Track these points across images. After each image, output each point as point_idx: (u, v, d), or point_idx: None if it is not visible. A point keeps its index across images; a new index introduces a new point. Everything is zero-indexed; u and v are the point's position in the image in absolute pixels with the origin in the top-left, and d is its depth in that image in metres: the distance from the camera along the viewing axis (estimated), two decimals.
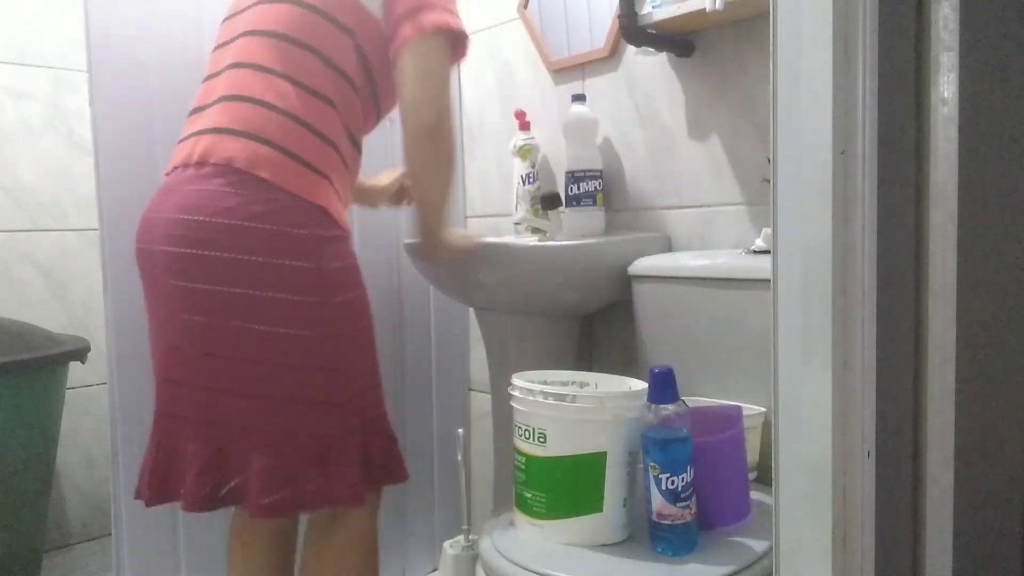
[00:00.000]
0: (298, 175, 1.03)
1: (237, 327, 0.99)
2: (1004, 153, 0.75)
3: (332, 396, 1.04)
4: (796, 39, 0.68)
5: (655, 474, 0.92)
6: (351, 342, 1.06)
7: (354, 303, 1.07)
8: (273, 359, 1.00)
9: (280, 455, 1.01)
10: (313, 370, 1.02)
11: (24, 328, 1.81)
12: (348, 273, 1.07)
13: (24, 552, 1.78)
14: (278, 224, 0.99)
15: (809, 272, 0.68)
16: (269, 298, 0.99)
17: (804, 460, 0.70)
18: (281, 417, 1.02)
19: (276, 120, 1.03)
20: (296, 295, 1.00)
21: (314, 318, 1.01)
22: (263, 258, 0.99)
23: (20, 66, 2.07)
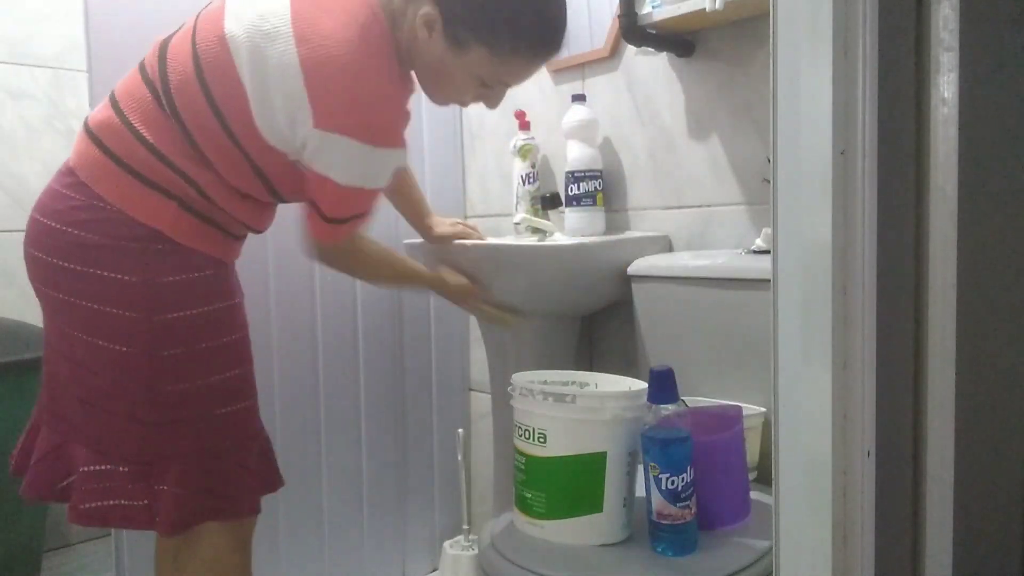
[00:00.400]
0: (136, 195, 0.96)
1: (65, 331, 0.97)
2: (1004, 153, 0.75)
3: (152, 415, 0.96)
4: (796, 39, 0.68)
5: (655, 474, 0.92)
6: (185, 361, 0.97)
7: (196, 320, 0.97)
8: (95, 368, 0.96)
9: (101, 464, 0.97)
10: (132, 387, 0.96)
11: (24, 328, 1.81)
12: (190, 287, 0.97)
13: (24, 552, 1.78)
14: (100, 234, 0.94)
15: (809, 272, 0.68)
16: (90, 308, 0.95)
17: (804, 460, 0.70)
18: (103, 427, 0.97)
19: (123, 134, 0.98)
20: (116, 308, 0.94)
21: (134, 334, 0.94)
22: (84, 267, 0.94)
23: (20, 66, 2.07)
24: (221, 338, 1.00)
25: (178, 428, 0.97)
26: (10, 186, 2.07)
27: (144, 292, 0.94)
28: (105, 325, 0.94)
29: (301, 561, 1.57)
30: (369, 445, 1.67)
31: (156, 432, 0.97)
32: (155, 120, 0.98)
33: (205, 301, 0.99)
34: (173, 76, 0.97)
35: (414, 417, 1.77)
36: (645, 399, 0.95)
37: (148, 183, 0.96)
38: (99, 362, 0.96)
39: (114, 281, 0.94)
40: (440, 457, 1.82)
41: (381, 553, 1.71)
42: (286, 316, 1.53)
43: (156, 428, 0.97)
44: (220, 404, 1.00)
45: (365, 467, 1.67)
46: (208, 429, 0.99)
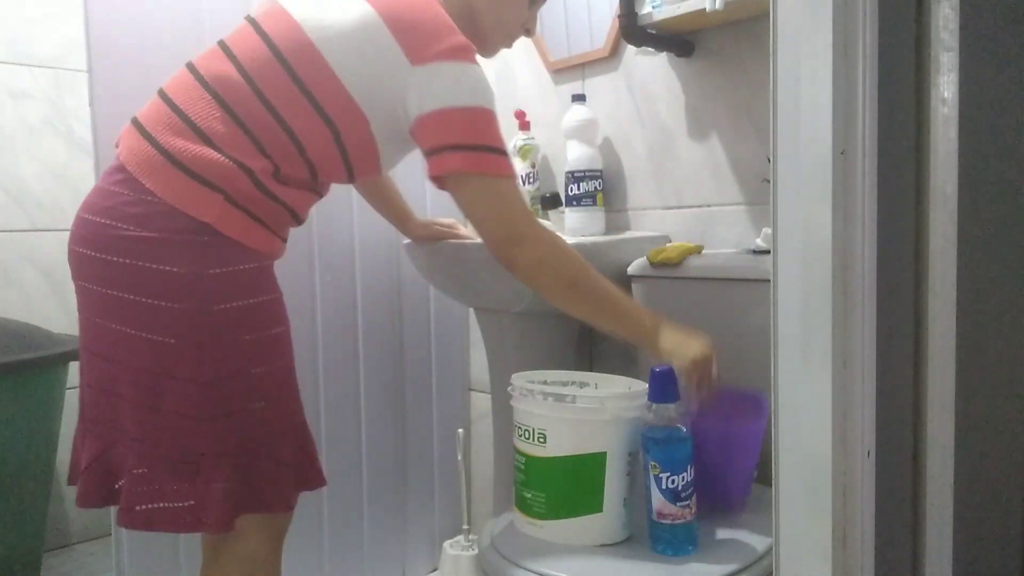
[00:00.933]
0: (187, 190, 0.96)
1: (112, 328, 0.97)
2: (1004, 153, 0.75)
3: (200, 410, 0.96)
4: (796, 39, 0.68)
5: (655, 473, 0.92)
6: (230, 353, 0.97)
7: (241, 312, 0.98)
8: (143, 365, 0.96)
9: (147, 466, 0.97)
10: (180, 381, 0.95)
11: (24, 328, 1.81)
12: (235, 279, 0.98)
13: (24, 552, 1.78)
14: (151, 228, 0.95)
15: (809, 272, 0.68)
16: (139, 302, 0.95)
17: (804, 460, 0.70)
18: (151, 425, 0.97)
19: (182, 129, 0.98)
20: (165, 301, 0.94)
21: (181, 326, 0.95)
22: (134, 261, 0.95)
23: (20, 66, 2.07)
24: (266, 330, 1.01)
25: (225, 422, 0.97)
26: (10, 186, 2.07)
27: (191, 284, 0.95)
28: (154, 319, 0.95)
29: (301, 561, 1.57)
30: (369, 445, 1.67)
31: (204, 427, 0.96)
32: (207, 111, 0.99)
33: (250, 293, 0.99)
34: (249, 64, 1.00)
35: (414, 417, 1.77)
36: (645, 399, 0.95)
37: (195, 176, 0.97)
38: (147, 358, 0.96)
39: (163, 273, 0.94)
40: (440, 457, 1.82)
41: (381, 553, 1.71)
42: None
43: (204, 423, 0.96)
44: (262, 397, 1.00)
45: (365, 467, 1.67)
46: (251, 422, 0.99)
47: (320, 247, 1.57)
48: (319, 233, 1.56)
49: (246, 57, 1.00)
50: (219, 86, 1.00)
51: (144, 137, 1.00)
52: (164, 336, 0.95)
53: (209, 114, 0.99)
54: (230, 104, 0.99)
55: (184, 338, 0.95)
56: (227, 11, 1.38)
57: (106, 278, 0.97)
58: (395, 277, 1.71)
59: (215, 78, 1.00)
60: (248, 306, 0.99)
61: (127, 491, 0.97)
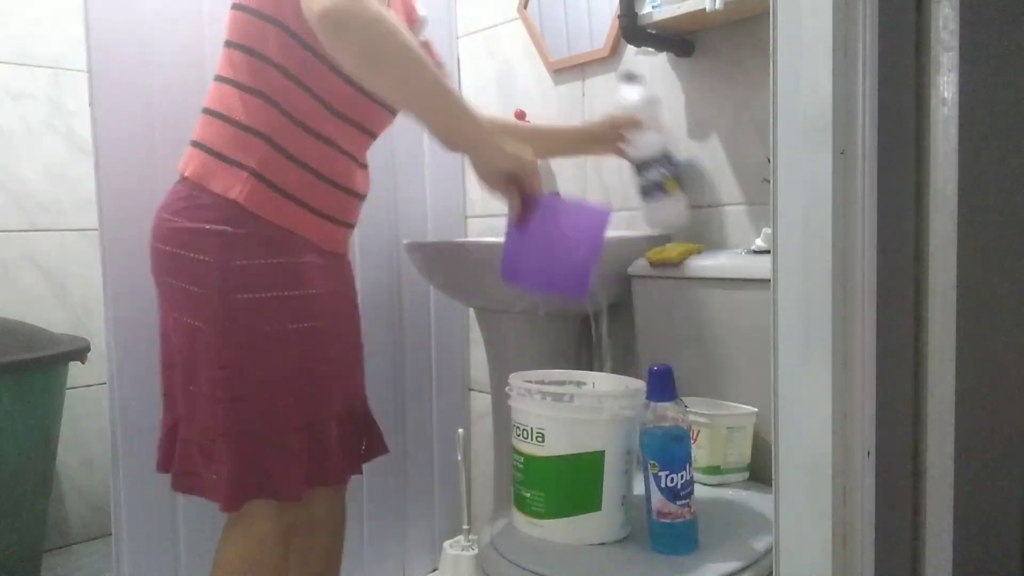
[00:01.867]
0: (207, 167, 1.04)
1: (166, 312, 1.08)
2: (1004, 153, 0.75)
3: (215, 392, 1.02)
4: (796, 39, 0.68)
5: (654, 472, 0.92)
6: (249, 342, 1.02)
7: (266, 305, 1.02)
8: (183, 347, 1.05)
9: (189, 438, 1.07)
10: (205, 363, 1.03)
11: (24, 328, 1.81)
12: (262, 273, 1.02)
13: (24, 552, 1.78)
14: (190, 220, 1.02)
15: (809, 272, 0.69)
16: (177, 287, 1.04)
17: (804, 460, 0.70)
18: (188, 403, 1.06)
19: (204, 121, 1.07)
20: (197, 287, 1.02)
21: (207, 312, 1.01)
22: (176, 249, 1.03)
23: (20, 66, 2.07)
24: (290, 324, 1.04)
25: (235, 407, 1.02)
26: (10, 186, 2.07)
27: (218, 272, 1.01)
28: (188, 303, 1.03)
29: None
30: None
31: (217, 409, 1.02)
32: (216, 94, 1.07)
33: (278, 287, 1.03)
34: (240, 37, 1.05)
35: (414, 417, 1.77)
36: (643, 398, 0.95)
37: (224, 158, 1.03)
38: (185, 340, 1.04)
39: (196, 261, 1.01)
40: (440, 457, 1.82)
41: (381, 553, 1.71)
42: None
43: (218, 405, 1.02)
44: (275, 388, 1.04)
45: (365, 467, 1.67)
46: (261, 410, 1.04)
47: None
48: None
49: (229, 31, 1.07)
50: (221, 68, 1.07)
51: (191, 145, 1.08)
52: (195, 320, 1.02)
53: (220, 94, 1.06)
54: (231, 75, 1.05)
55: (209, 323, 1.01)
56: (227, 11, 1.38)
57: (160, 266, 1.06)
58: (395, 277, 1.71)
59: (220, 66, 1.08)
60: (272, 299, 1.03)
61: (177, 459, 1.08)
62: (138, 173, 1.31)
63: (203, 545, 1.41)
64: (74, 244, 2.17)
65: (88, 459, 2.19)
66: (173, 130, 1.32)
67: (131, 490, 1.31)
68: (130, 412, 1.31)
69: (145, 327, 1.30)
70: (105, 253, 1.28)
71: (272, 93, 1.03)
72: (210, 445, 1.04)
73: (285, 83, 1.03)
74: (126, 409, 1.30)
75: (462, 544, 1.69)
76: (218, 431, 1.02)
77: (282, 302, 1.03)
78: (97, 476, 2.20)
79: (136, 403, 1.31)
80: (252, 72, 1.03)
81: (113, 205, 1.28)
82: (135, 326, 1.30)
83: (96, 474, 2.20)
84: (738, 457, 1.15)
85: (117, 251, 1.29)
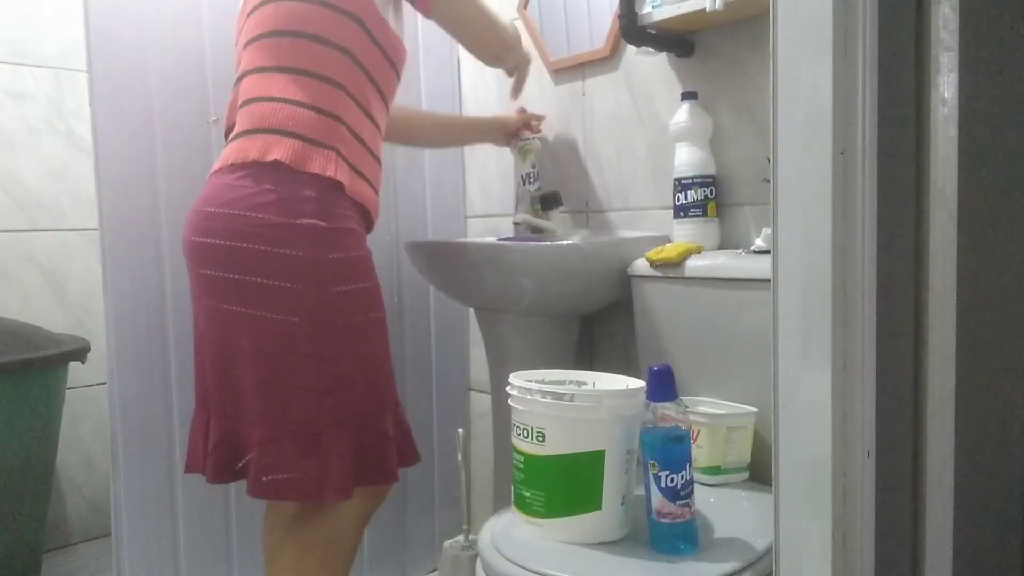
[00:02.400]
0: (302, 151, 1.06)
1: (236, 311, 1.06)
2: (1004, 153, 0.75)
3: (320, 383, 1.05)
4: (796, 39, 0.68)
5: (654, 472, 0.92)
6: (344, 332, 1.07)
7: (353, 295, 1.08)
8: (262, 344, 1.05)
9: (272, 438, 1.05)
10: (303, 356, 1.05)
11: (24, 328, 1.81)
12: (350, 265, 1.08)
13: (24, 552, 1.78)
14: (276, 214, 1.04)
15: (809, 272, 0.68)
16: (265, 284, 1.04)
17: (804, 460, 0.70)
18: (275, 400, 1.05)
19: (280, 109, 1.09)
20: (288, 282, 1.03)
21: (304, 306, 1.04)
22: (258, 246, 1.03)
23: (20, 66, 2.07)
24: (371, 313, 1.11)
25: (341, 395, 1.06)
26: (10, 186, 2.07)
27: (313, 267, 1.04)
28: (280, 299, 1.04)
29: None
30: None
31: (324, 400, 1.05)
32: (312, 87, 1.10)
33: (361, 278, 1.10)
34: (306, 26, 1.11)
35: (414, 417, 1.77)
36: (643, 397, 0.95)
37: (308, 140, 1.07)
38: (272, 336, 1.05)
39: (288, 257, 1.04)
40: (440, 457, 1.82)
41: (381, 553, 1.71)
42: None
43: (324, 396, 1.05)
44: (368, 374, 1.10)
45: None
46: (361, 397, 1.09)
47: None
48: None
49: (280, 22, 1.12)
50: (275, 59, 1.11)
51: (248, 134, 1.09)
52: (289, 315, 1.04)
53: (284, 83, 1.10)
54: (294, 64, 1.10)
55: (306, 317, 1.04)
56: (227, 11, 1.38)
57: (234, 264, 1.05)
58: (395, 277, 1.71)
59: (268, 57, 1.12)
60: (359, 290, 1.09)
61: (255, 464, 1.06)
62: (138, 173, 1.31)
63: (203, 545, 1.42)
64: (74, 244, 2.17)
65: (88, 459, 2.19)
66: (173, 130, 1.32)
67: (131, 490, 1.31)
68: (130, 412, 1.31)
69: (145, 327, 1.30)
70: (105, 253, 1.28)
71: (342, 79, 1.10)
72: (314, 438, 1.05)
73: (355, 71, 1.12)
74: (126, 409, 1.31)
75: (462, 544, 1.69)
76: (325, 422, 1.05)
77: (364, 293, 1.10)
78: (97, 476, 2.20)
79: (136, 403, 1.31)
80: (324, 61, 1.10)
81: (113, 205, 1.28)
82: (135, 326, 1.30)
83: (96, 474, 2.20)
84: (738, 457, 1.15)
85: (117, 251, 1.29)
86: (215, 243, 1.05)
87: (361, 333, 1.09)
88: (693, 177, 1.32)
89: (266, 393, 1.06)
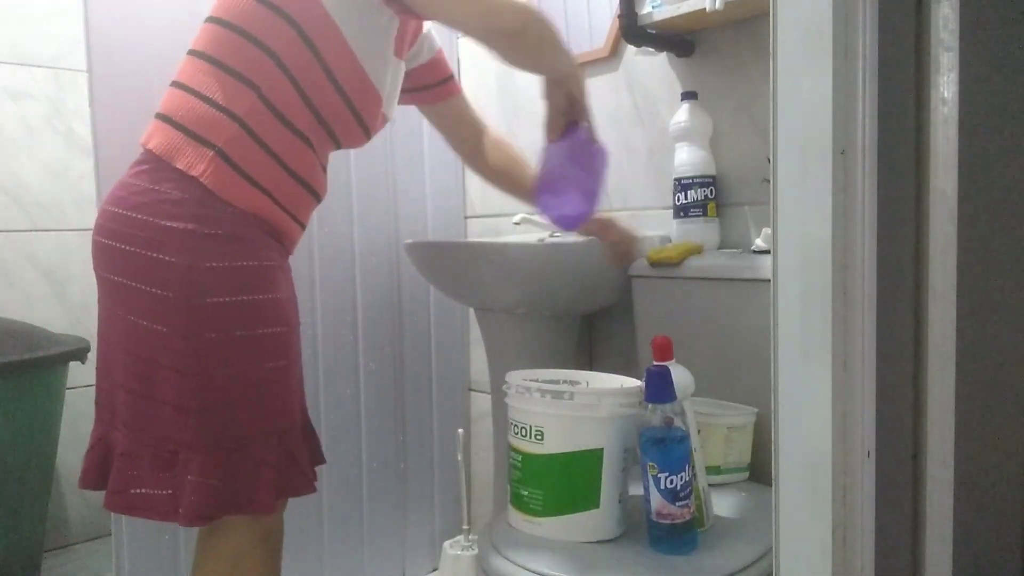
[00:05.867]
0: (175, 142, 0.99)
1: (117, 314, 1.00)
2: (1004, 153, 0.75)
3: (182, 400, 0.96)
4: (796, 39, 0.68)
5: (653, 473, 0.92)
6: (217, 348, 0.97)
7: (233, 308, 0.98)
8: (132, 350, 0.98)
9: (132, 450, 0.99)
10: (167, 369, 0.97)
11: (24, 328, 1.81)
12: (233, 276, 0.98)
13: (24, 552, 1.78)
14: (147, 214, 0.97)
15: (809, 272, 0.68)
16: (137, 288, 0.97)
17: (804, 460, 0.70)
18: (137, 410, 0.99)
19: (176, 95, 1.02)
20: (159, 288, 0.96)
21: (172, 316, 0.96)
22: (131, 247, 0.97)
23: (20, 66, 2.07)
24: (261, 329, 1.00)
25: (205, 416, 0.97)
26: (10, 186, 2.07)
27: (186, 275, 0.96)
28: (149, 306, 0.97)
29: (301, 561, 1.57)
30: (369, 445, 1.67)
31: (184, 418, 0.97)
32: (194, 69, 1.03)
33: (248, 290, 0.99)
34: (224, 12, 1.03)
35: (414, 417, 1.77)
36: (640, 395, 0.95)
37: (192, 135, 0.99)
38: (141, 344, 0.98)
39: (161, 263, 0.96)
40: (440, 457, 1.82)
41: (381, 553, 1.71)
42: None
43: (184, 414, 0.97)
44: (247, 396, 1.00)
45: (365, 467, 1.67)
46: (233, 419, 0.99)
47: (320, 247, 1.57)
48: (319, 233, 1.56)
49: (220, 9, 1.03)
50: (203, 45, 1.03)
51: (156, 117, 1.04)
52: (157, 324, 0.96)
53: (197, 70, 1.02)
54: (213, 53, 1.02)
55: (174, 327, 0.96)
56: None
57: (115, 265, 0.99)
58: (395, 277, 1.71)
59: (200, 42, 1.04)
60: (243, 303, 0.99)
61: (114, 474, 1.00)
62: None
63: None
64: (74, 244, 2.17)
65: None
66: None
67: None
68: None
69: None
70: None
71: (257, 79, 1.01)
72: (170, 456, 0.98)
73: (278, 75, 1.01)
74: None
75: (462, 544, 1.69)
76: (184, 442, 0.97)
77: (252, 306, 0.99)
78: None
79: None
80: (242, 56, 1.01)
81: None
82: None
83: None
84: (738, 457, 1.15)
85: None
86: (100, 241, 1.01)
87: (243, 350, 0.99)
88: (693, 177, 1.32)
89: (133, 403, 0.99)
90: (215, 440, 0.98)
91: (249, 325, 0.99)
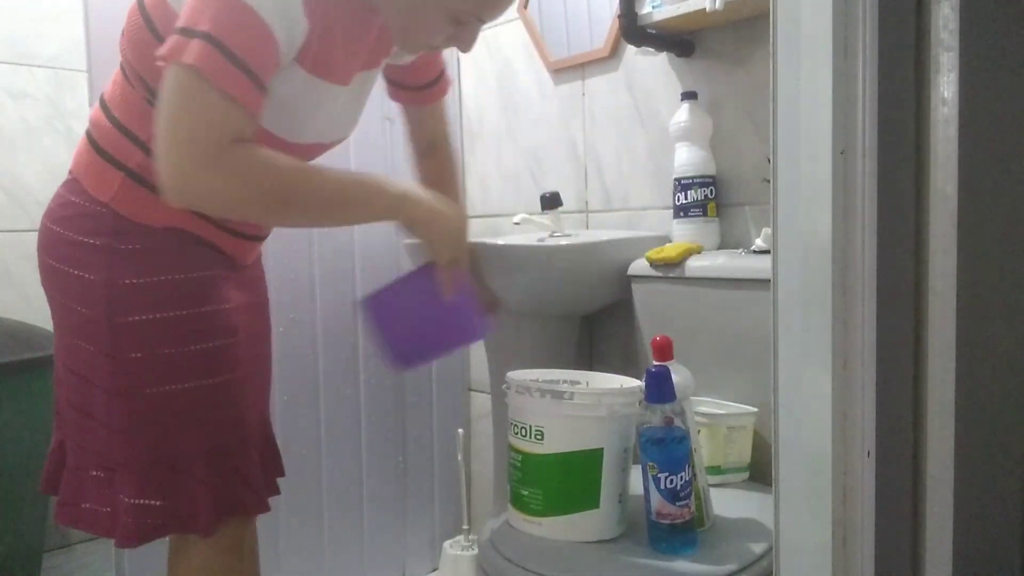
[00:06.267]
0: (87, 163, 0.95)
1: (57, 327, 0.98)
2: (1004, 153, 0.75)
3: (110, 419, 0.93)
4: (796, 39, 0.68)
5: (654, 473, 0.92)
6: (141, 367, 0.92)
7: (155, 326, 0.93)
8: (71, 365, 0.96)
9: (77, 465, 0.97)
10: (96, 387, 0.94)
11: (24, 328, 1.81)
12: (153, 292, 0.93)
13: (24, 552, 1.78)
14: (69, 229, 0.94)
15: (809, 272, 0.68)
16: (64, 305, 0.95)
17: (804, 460, 0.70)
18: (77, 426, 0.97)
19: (96, 109, 0.98)
20: (82, 307, 0.93)
21: (95, 334, 0.92)
22: (60, 264, 0.94)
23: (20, 66, 2.07)
24: (191, 345, 0.95)
25: (133, 435, 0.93)
26: (10, 186, 2.07)
27: (103, 292, 0.92)
28: (76, 322, 0.95)
29: (301, 561, 1.57)
30: (369, 445, 1.67)
31: (114, 437, 0.94)
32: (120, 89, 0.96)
33: (173, 306, 0.94)
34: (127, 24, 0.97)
35: (414, 417, 1.77)
36: (640, 395, 0.95)
37: (103, 154, 0.95)
38: (75, 360, 0.96)
39: (80, 279, 0.93)
40: (440, 457, 1.82)
41: (381, 553, 1.71)
42: (284, 316, 1.53)
43: (114, 433, 0.93)
44: (179, 413, 0.95)
45: (365, 467, 1.67)
46: (164, 438, 0.94)
47: (319, 247, 1.57)
48: (319, 233, 1.56)
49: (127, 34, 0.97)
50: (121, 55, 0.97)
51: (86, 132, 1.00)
52: (85, 342, 0.93)
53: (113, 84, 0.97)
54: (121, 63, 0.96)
55: (99, 347, 0.93)
56: None
57: (49, 280, 0.98)
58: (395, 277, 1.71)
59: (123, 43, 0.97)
60: (167, 319, 0.93)
61: (63, 486, 0.99)
62: None
63: None
64: None
65: None
66: None
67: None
68: None
69: None
70: None
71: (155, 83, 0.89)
72: (108, 474, 0.95)
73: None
74: None
75: (462, 544, 1.70)
76: (119, 461, 0.94)
77: (177, 322, 0.94)
78: None
79: None
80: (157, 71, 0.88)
81: None
82: None
83: None
84: (738, 457, 1.15)
85: None
86: (38, 254, 0.99)
87: (166, 367, 0.93)
88: (693, 177, 1.32)
89: (76, 419, 0.97)
90: (149, 460, 0.94)
91: (176, 342, 0.94)
